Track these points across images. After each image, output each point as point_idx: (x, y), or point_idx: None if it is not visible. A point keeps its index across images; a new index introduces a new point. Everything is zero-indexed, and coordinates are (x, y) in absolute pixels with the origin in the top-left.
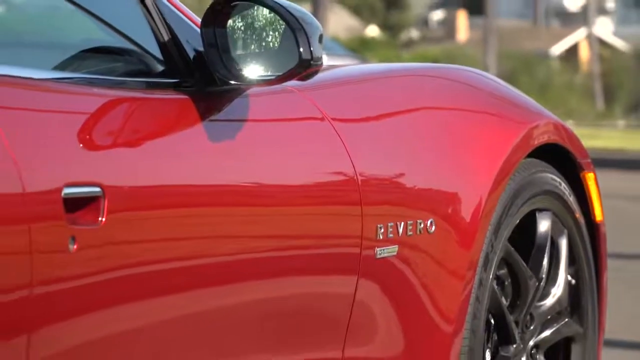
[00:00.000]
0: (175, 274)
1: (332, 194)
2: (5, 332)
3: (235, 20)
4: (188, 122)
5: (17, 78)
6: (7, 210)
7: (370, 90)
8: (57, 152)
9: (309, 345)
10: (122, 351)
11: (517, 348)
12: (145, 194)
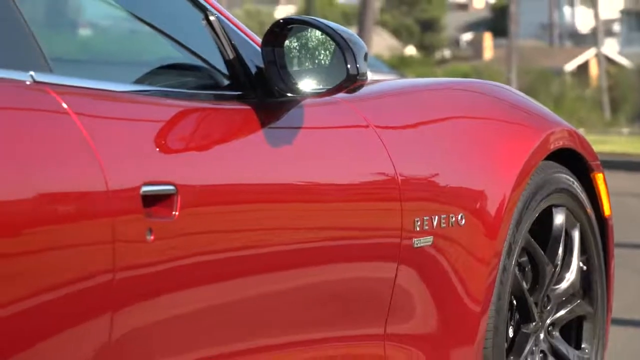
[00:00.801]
0: (239, 260)
1: (375, 191)
2: (92, 311)
3: (292, 40)
4: (250, 129)
5: (103, 90)
6: (93, 205)
7: (409, 101)
8: (136, 155)
9: (356, 322)
10: (192, 327)
11: (536, 325)
12: (213, 192)
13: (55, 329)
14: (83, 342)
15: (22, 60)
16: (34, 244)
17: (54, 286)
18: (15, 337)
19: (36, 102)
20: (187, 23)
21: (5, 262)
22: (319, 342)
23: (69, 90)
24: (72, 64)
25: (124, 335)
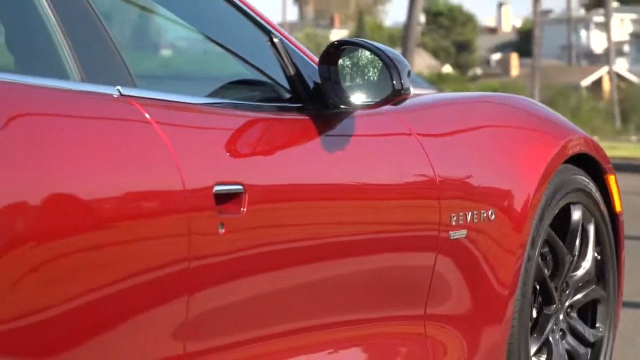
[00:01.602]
0: (299, 250)
1: (417, 191)
2: (171, 295)
3: (344, 59)
4: (309, 137)
5: (181, 103)
6: (172, 203)
7: (446, 112)
8: (209, 158)
9: (400, 304)
10: (257, 308)
11: (556, 307)
12: (277, 191)
13: (141, 309)
14: (164, 321)
15: (111, 77)
16: (120, 236)
17: (140, 272)
18: (108, 315)
19: (122, 112)
20: (254, 44)
21: (99, 252)
22: (368, 322)
23: (151, 102)
24: (154, 80)
25: (198, 316)
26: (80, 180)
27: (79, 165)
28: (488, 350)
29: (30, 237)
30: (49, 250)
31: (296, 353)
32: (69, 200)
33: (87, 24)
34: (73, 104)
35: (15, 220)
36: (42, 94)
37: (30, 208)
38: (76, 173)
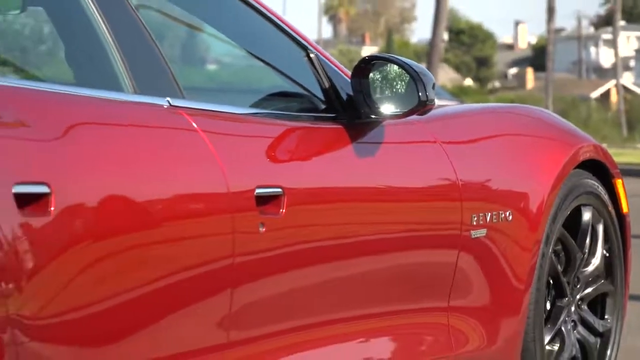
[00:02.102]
0: (332, 248)
1: (440, 193)
2: (217, 288)
3: (375, 73)
4: (342, 144)
5: (225, 113)
6: (217, 204)
7: (467, 121)
8: (251, 164)
9: (425, 297)
10: (294, 301)
11: (568, 300)
12: (313, 193)
13: (191, 300)
14: (210, 312)
15: (161, 89)
16: (172, 235)
17: (189, 267)
18: (161, 306)
19: (172, 122)
20: (292, 59)
21: (151, 249)
22: (397, 313)
23: (198, 112)
24: (201, 92)
25: (240, 308)
26: (135, 184)
27: (133, 170)
28: (506, 340)
29: (92, 235)
30: (111, 246)
31: (331, 342)
32: (125, 202)
33: (139, 41)
34: (126, 114)
35: (79, 220)
36: (98, 104)
37: (92, 209)
38: (131, 177)
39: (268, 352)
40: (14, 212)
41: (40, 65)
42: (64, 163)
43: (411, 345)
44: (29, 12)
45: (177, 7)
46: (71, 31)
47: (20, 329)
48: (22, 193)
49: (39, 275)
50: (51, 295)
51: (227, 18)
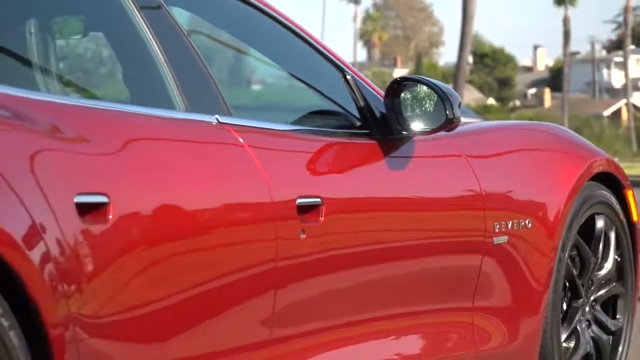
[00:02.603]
0: (367, 253)
1: (465, 203)
2: (261, 290)
3: (406, 93)
4: (376, 158)
5: (269, 129)
6: (261, 213)
7: (490, 137)
8: (293, 176)
9: (452, 298)
10: (332, 301)
11: (582, 301)
12: (349, 203)
13: (237, 301)
14: (255, 311)
15: (211, 107)
16: (220, 241)
17: (236, 270)
18: (211, 306)
19: (220, 137)
20: (330, 80)
21: (201, 254)
22: (426, 312)
23: (244, 129)
24: (247, 110)
25: (282, 308)
26: (186, 194)
27: (185, 181)
28: (525, 337)
29: (147, 242)
30: (164, 252)
31: (365, 339)
32: (177, 211)
33: (190, 63)
34: (178, 130)
35: (135, 227)
36: (153, 121)
37: (147, 217)
38: (182, 188)
39: (308, 348)
40: (75, 220)
41: (99, 86)
42: (122, 175)
43: (439, 342)
44: (90, 37)
45: (225, 33)
46: (128, 54)
47: (80, 326)
48: (82, 202)
49: (97, 277)
50: (109, 296)
51: (271, 42)
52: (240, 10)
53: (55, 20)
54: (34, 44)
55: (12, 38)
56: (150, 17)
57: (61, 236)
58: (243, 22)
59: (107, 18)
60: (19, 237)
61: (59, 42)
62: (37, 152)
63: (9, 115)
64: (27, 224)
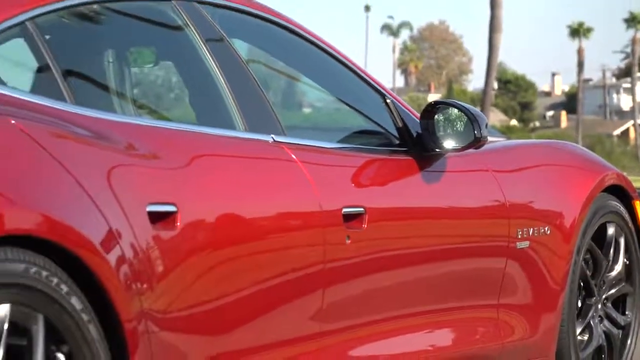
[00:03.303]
0: (405, 256)
1: (491, 212)
2: (311, 288)
3: (439, 115)
4: (412, 172)
5: (318, 147)
6: (311, 221)
7: (513, 154)
8: (340, 188)
9: (479, 296)
10: (372, 298)
11: (595, 299)
12: (389, 211)
13: (290, 298)
14: (306, 307)
15: (267, 127)
16: (276, 245)
17: (290, 271)
18: (267, 302)
19: (275, 154)
20: (372, 103)
21: (259, 256)
22: (456, 309)
23: (297, 147)
24: (299, 130)
25: (330, 304)
26: (244, 203)
27: (244, 193)
28: (545, 331)
29: (211, 246)
30: (226, 255)
31: (403, 332)
32: (237, 218)
33: (249, 88)
34: (238, 148)
35: (200, 233)
36: (215, 140)
37: (211, 224)
38: (241, 198)
39: (352, 340)
40: (147, 227)
41: (169, 108)
42: (189, 187)
43: (467, 334)
44: (161, 65)
45: (280, 62)
46: (194, 80)
47: (151, 320)
48: (154, 211)
49: (166, 277)
50: (177, 294)
51: (320, 70)
52: (292, 42)
53: (131, 51)
54: (112, 72)
55: (93, 66)
56: (213, 48)
57: (135, 241)
58: (295, 52)
59: (176, 49)
60: (98, 242)
61: (133, 70)
62: (114, 167)
63: (89, 134)
64: (105, 230)
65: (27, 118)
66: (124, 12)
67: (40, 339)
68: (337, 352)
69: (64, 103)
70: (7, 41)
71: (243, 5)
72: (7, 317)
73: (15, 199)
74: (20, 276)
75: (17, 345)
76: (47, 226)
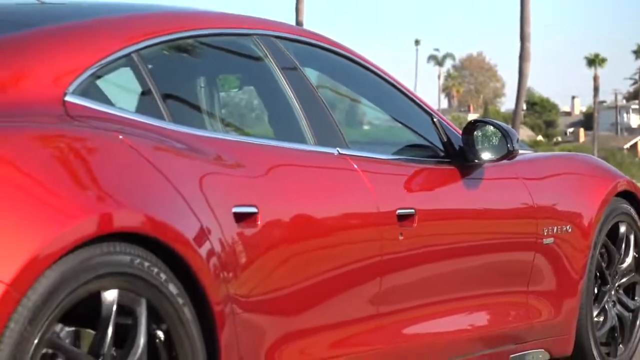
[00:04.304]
0: (448, 250)
1: (522, 213)
2: (371, 277)
3: (477, 131)
4: (455, 180)
5: (375, 158)
6: (370, 220)
7: (540, 164)
8: (394, 192)
9: (511, 283)
10: (421, 285)
11: (609, 287)
12: (436, 212)
13: (352, 284)
14: (365, 293)
15: (333, 142)
16: (342, 240)
17: (352, 262)
18: (333, 288)
19: (340, 164)
20: (422, 122)
21: (327, 249)
22: (491, 294)
23: (358, 158)
24: (359, 144)
25: (386, 290)
26: (314, 206)
27: (314, 197)
28: (566, 313)
29: (286, 241)
30: (299, 248)
31: (447, 314)
32: (308, 218)
33: (318, 109)
34: (309, 159)
35: (277, 230)
36: (290, 152)
37: (286, 223)
38: (312, 202)
39: (404, 320)
40: (233, 225)
41: (251, 126)
42: (268, 192)
43: (501, 316)
44: (244, 90)
45: (344, 86)
46: (272, 102)
47: (236, 303)
48: (238, 212)
49: (248, 267)
50: (257, 281)
51: (377, 94)
52: (354, 70)
53: (219, 78)
54: (203, 95)
55: (188, 90)
56: (288, 75)
57: (222, 237)
58: (357, 79)
59: (257, 76)
60: (191, 238)
61: (221, 94)
62: (205, 175)
63: (184, 147)
64: (197, 228)
65: (133, 134)
66: (213, 45)
67: (143, 319)
68: (391, 330)
69: (163, 121)
70: (116, 70)
71: (313, 39)
72: (115, 300)
73: (123, 202)
74: (126, 266)
75: (124, 324)
76: (149, 225)
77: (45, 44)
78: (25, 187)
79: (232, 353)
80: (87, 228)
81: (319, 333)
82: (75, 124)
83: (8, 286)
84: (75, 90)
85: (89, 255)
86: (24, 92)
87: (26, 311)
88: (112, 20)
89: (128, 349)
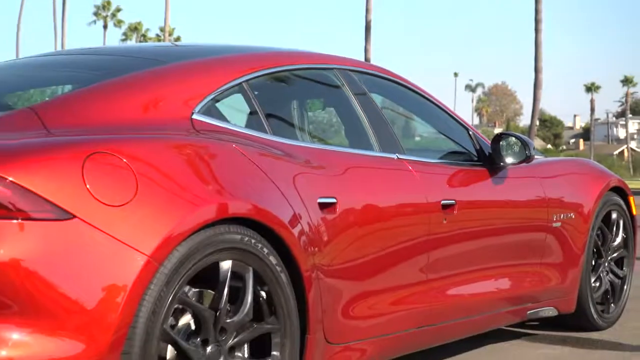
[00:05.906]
0: (481, 231)
1: (537, 203)
2: (421, 251)
3: (502, 141)
4: (485, 178)
5: (425, 162)
6: (421, 209)
7: (551, 166)
8: (438, 187)
9: (528, 257)
10: (460, 258)
11: (603, 260)
12: (471, 203)
13: (407, 257)
14: (417, 263)
15: (393, 149)
16: (400, 224)
17: (408, 240)
18: (395, 259)
19: (398, 167)
20: (460, 134)
21: (389, 231)
22: (512, 265)
23: (412, 162)
24: (413, 151)
25: (433, 261)
26: (379, 198)
27: (379, 191)
28: (571, 280)
29: (358, 224)
30: (369, 229)
31: (478, 280)
32: (375, 208)
33: (382, 124)
34: (375, 162)
35: (351, 216)
36: (359, 157)
37: (358, 211)
38: (377, 194)
39: (447, 285)
40: (318, 212)
41: (331, 137)
42: (344, 187)
43: (520, 282)
44: (327, 110)
45: (401, 107)
46: (347, 119)
47: (320, 271)
48: (322, 202)
49: (329, 244)
50: (335, 254)
51: (426, 112)
52: (409, 94)
53: (307, 101)
54: (295, 114)
55: (284, 110)
56: (359, 99)
57: (310, 220)
58: (410, 101)
59: (336, 99)
60: (287, 221)
61: (309, 113)
62: (297, 174)
63: (282, 153)
64: (291, 214)
65: (243, 143)
66: (303, 77)
67: (250, 282)
68: (437, 292)
69: (265, 134)
70: (230, 95)
71: (377, 72)
72: (229, 268)
73: (236, 194)
74: (238, 242)
75: (236, 286)
76: (255, 211)
77: (177, 76)
78: (163, 183)
79: (316, 308)
80: (209, 214)
81: (381, 293)
82: (200, 136)
83: (149, 257)
84: (199, 110)
85: (210, 234)
86: (162, 111)
87: (163, 276)
88: (227, 59)
89: (239, 305)
